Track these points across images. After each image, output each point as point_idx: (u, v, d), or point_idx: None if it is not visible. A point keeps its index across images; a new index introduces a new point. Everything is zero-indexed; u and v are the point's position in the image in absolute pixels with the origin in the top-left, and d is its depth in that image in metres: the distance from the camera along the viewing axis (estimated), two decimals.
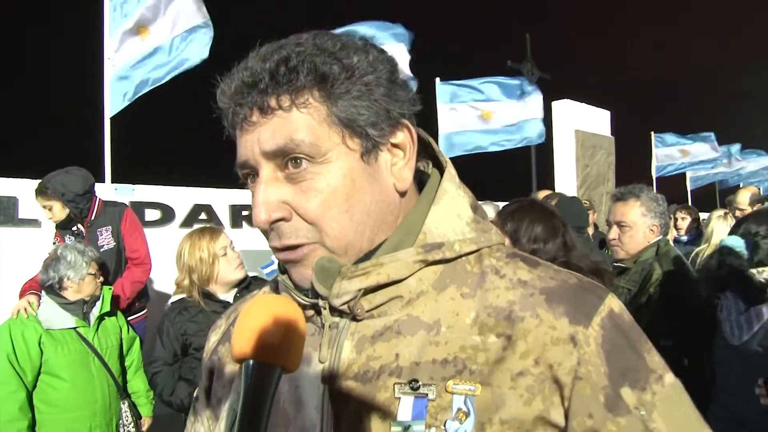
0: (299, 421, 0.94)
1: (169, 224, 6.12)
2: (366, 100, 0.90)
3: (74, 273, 3.93)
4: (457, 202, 1.01)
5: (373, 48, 0.95)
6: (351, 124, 0.90)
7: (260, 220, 0.90)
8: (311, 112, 0.89)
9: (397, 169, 0.96)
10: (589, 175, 11.87)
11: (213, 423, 1.11)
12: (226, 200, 6.51)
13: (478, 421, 0.85)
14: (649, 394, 0.86)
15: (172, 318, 3.66)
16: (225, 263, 3.69)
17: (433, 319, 0.92)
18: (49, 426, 3.76)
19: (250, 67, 0.90)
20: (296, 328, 0.77)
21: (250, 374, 0.73)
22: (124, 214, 4.96)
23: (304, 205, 0.90)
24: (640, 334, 0.93)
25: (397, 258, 0.93)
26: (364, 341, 0.93)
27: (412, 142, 0.97)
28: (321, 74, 0.88)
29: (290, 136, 0.88)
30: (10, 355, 3.67)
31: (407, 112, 0.96)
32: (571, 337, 0.87)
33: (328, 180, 0.90)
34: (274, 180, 0.91)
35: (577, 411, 0.85)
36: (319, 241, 0.92)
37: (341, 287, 0.92)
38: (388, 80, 0.93)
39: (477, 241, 0.98)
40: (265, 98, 0.88)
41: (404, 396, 0.88)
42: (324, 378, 0.93)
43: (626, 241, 3.63)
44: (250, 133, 0.91)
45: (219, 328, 1.20)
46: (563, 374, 0.86)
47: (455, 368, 0.88)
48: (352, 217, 0.91)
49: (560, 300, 0.90)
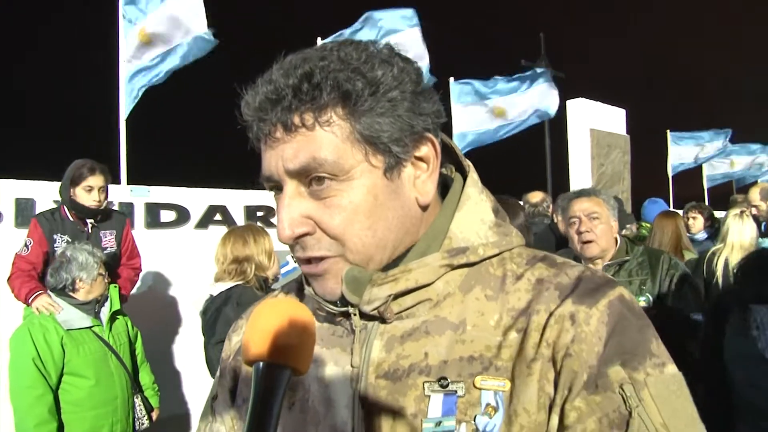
0: (330, 419, 0.96)
1: (184, 225, 6.14)
2: (390, 116, 0.90)
3: (86, 274, 3.98)
4: (480, 207, 1.03)
5: (398, 58, 0.95)
6: (374, 141, 0.90)
7: (285, 236, 0.92)
8: (334, 130, 0.89)
9: (420, 183, 0.97)
10: (605, 174, 11.80)
11: (238, 422, 1.13)
12: (240, 201, 6.52)
13: (506, 414, 0.87)
14: (641, 374, 0.86)
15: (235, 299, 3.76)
16: (276, 260, 4.07)
17: (460, 319, 0.95)
18: (75, 425, 3.83)
19: (275, 81, 0.90)
20: (306, 330, 0.77)
21: (260, 376, 0.74)
22: (127, 222, 5.07)
23: (327, 221, 0.91)
24: (649, 323, 0.93)
25: (424, 263, 0.94)
26: (393, 341, 0.95)
27: (436, 156, 0.97)
28: (344, 92, 0.88)
29: (313, 156, 0.88)
30: (36, 359, 3.72)
31: (431, 126, 0.96)
32: (571, 314, 0.89)
33: (351, 197, 0.90)
34: (297, 195, 0.92)
35: (561, 385, 0.87)
36: (341, 255, 0.93)
37: (372, 294, 0.94)
38: (413, 93, 0.93)
39: (499, 245, 1.00)
40: (288, 116, 0.88)
41: (434, 394, 0.90)
42: (354, 377, 0.95)
43: (600, 234, 3.41)
44: (273, 149, 0.91)
45: (240, 329, 1.21)
46: (557, 350, 0.88)
47: (482, 365, 0.91)
48: (375, 234, 0.93)
49: (570, 289, 0.93)
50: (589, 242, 3.42)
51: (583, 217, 3.44)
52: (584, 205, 3.47)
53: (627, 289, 0.95)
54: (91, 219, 4.72)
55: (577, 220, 3.46)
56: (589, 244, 3.43)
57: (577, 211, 3.47)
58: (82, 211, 4.66)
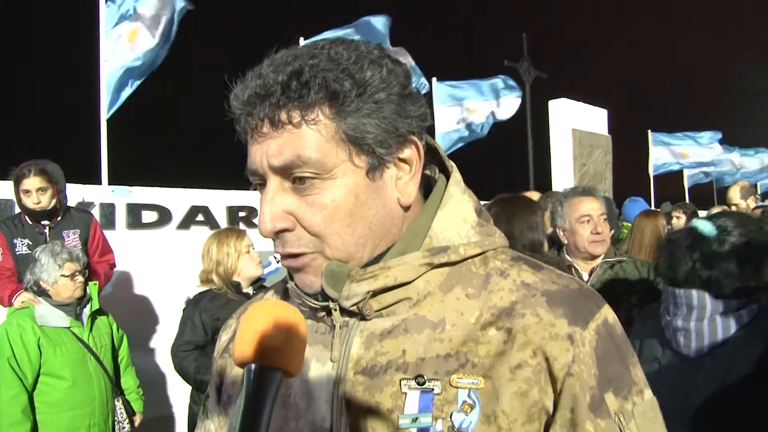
0: (310, 414, 0.97)
1: (166, 226, 6.10)
2: (375, 117, 0.91)
3: (47, 275, 3.96)
4: (462, 207, 1.04)
5: (388, 59, 0.96)
6: (359, 142, 0.92)
7: (266, 230, 0.93)
8: (320, 129, 0.90)
9: (402, 184, 0.98)
10: (587, 174, 11.87)
11: (223, 419, 1.14)
12: (223, 202, 6.49)
13: (483, 413, 0.89)
14: (630, 404, 0.92)
15: (203, 305, 3.90)
16: (248, 260, 4.06)
17: (439, 317, 0.96)
18: (50, 425, 3.81)
19: (264, 76, 0.91)
20: (297, 332, 0.78)
21: (252, 378, 0.74)
22: (94, 222, 4.99)
23: (308, 219, 0.93)
24: (629, 347, 0.99)
25: (404, 261, 0.96)
26: (372, 338, 0.97)
27: (419, 158, 0.99)
28: (332, 91, 0.89)
29: (297, 153, 0.90)
30: (11, 359, 3.69)
31: (416, 129, 0.97)
32: (569, 335, 0.91)
33: (333, 196, 0.92)
34: (280, 191, 0.93)
35: (563, 404, 0.90)
36: (320, 251, 0.95)
37: (350, 290, 0.95)
38: (400, 95, 0.94)
39: (481, 245, 1.02)
40: (276, 112, 0.90)
41: (410, 391, 0.92)
42: (334, 372, 0.97)
43: (608, 234, 3.61)
44: (260, 143, 0.93)
45: (230, 328, 1.23)
46: (558, 368, 0.90)
47: (458, 362, 0.92)
48: (354, 232, 0.94)
49: (560, 303, 0.94)
50: (600, 242, 3.57)
51: (596, 217, 3.56)
52: (595, 205, 3.61)
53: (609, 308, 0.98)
54: (45, 221, 4.65)
55: (590, 219, 3.57)
56: (599, 243, 3.57)
57: (589, 211, 3.58)
58: (30, 214, 4.60)
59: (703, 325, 2.10)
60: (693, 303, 2.12)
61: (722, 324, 2.07)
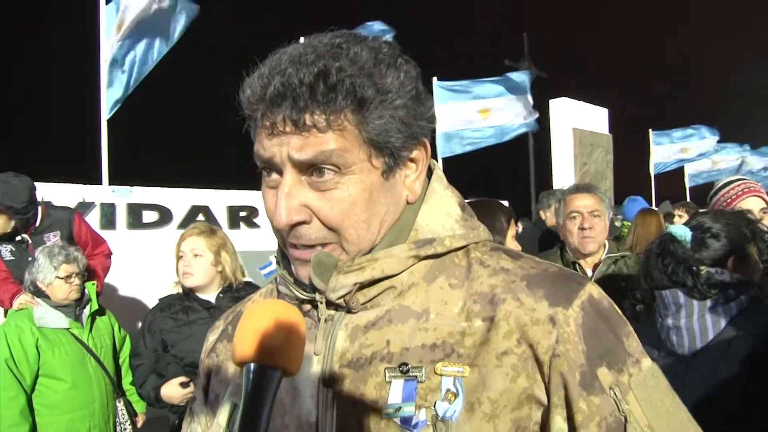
0: (296, 409, 0.98)
1: (166, 226, 6.10)
2: (395, 123, 0.94)
3: (42, 276, 3.94)
4: (445, 201, 1.06)
5: (401, 60, 0.97)
6: (379, 146, 0.94)
7: (282, 223, 0.94)
8: (344, 134, 0.91)
9: (410, 182, 1.02)
10: (588, 173, 11.88)
11: (211, 419, 1.13)
12: (223, 201, 6.49)
13: (467, 401, 0.90)
14: (625, 376, 0.92)
15: (153, 314, 3.72)
16: (181, 266, 3.63)
17: (423, 307, 0.98)
18: (50, 427, 3.77)
19: (288, 74, 0.90)
20: (297, 331, 0.78)
21: (252, 377, 0.74)
22: (75, 218, 4.88)
23: (326, 212, 0.94)
24: (620, 318, 0.98)
25: (391, 254, 0.97)
26: (357, 331, 0.98)
27: (426, 157, 1.03)
28: (360, 98, 0.90)
29: (320, 149, 0.90)
30: (9, 360, 3.67)
31: (426, 131, 1.00)
32: (550, 317, 0.92)
33: (350, 191, 0.93)
34: (297, 184, 0.94)
35: (554, 387, 0.90)
36: (337, 242, 0.96)
37: (338, 281, 0.96)
38: (415, 99, 0.97)
39: (466, 237, 1.04)
40: (301, 115, 0.90)
41: (395, 380, 0.92)
42: (319, 367, 0.97)
43: (599, 231, 3.49)
44: (279, 138, 0.92)
45: (217, 328, 1.24)
46: (542, 352, 0.91)
47: (443, 352, 0.93)
48: (369, 227, 0.96)
49: (540, 285, 0.96)
50: (590, 238, 3.48)
51: (586, 213, 3.49)
52: (587, 202, 3.52)
53: (594, 285, 0.98)
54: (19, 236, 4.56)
55: (578, 215, 3.51)
56: (589, 239, 3.49)
57: (579, 207, 3.52)
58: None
59: (692, 322, 2.11)
60: (680, 302, 2.13)
61: (712, 320, 2.07)
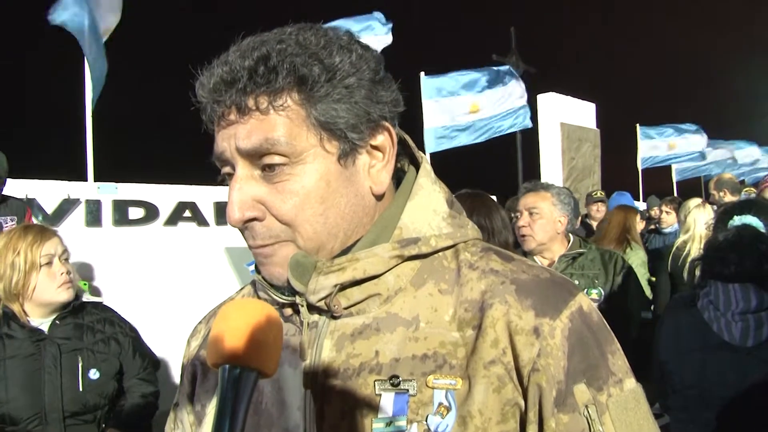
0: (283, 422, 0.94)
1: (153, 222, 6.05)
2: (346, 102, 0.90)
3: None
4: (432, 198, 1.01)
5: (357, 45, 0.94)
6: (329, 127, 0.89)
7: (234, 219, 0.91)
8: (289, 114, 0.88)
9: (375, 172, 0.96)
10: (575, 167, 11.91)
11: (197, 428, 1.10)
12: (210, 197, 6.45)
13: (459, 414, 0.86)
14: (604, 395, 0.88)
15: None
16: (45, 277, 2.70)
17: (412, 315, 0.93)
18: None
19: (230, 63, 0.88)
20: (272, 331, 0.76)
21: (226, 379, 0.72)
22: (28, 212, 4.91)
23: (278, 207, 0.90)
24: (608, 334, 0.94)
25: (373, 253, 0.93)
26: (343, 339, 0.93)
27: (392, 145, 0.97)
28: (300, 76, 0.87)
29: (266, 136, 0.87)
30: None
31: (389, 114, 0.95)
32: (534, 328, 0.88)
33: (303, 182, 0.90)
34: (249, 178, 0.91)
35: (530, 401, 0.87)
36: (291, 239, 0.92)
37: (317, 283, 0.91)
38: (371, 81, 0.92)
39: (453, 236, 0.99)
40: (243, 98, 0.87)
41: (385, 393, 0.89)
42: (305, 378, 0.93)
43: (537, 229, 3.50)
44: (226, 129, 0.90)
45: (199, 333, 1.19)
46: (522, 365, 0.87)
47: (435, 363, 0.89)
48: (326, 220, 0.92)
49: (530, 293, 0.91)
50: (527, 236, 3.52)
51: (524, 211, 3.54)
52: (528, 200, 3.57)
53: (585, 295, 0.95)
54: None
55: (518, 213, 3.57)
56: (525, 237, 3.53)
57: (521, 206, 3.59)
58: None
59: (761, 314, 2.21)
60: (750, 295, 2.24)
61: None
